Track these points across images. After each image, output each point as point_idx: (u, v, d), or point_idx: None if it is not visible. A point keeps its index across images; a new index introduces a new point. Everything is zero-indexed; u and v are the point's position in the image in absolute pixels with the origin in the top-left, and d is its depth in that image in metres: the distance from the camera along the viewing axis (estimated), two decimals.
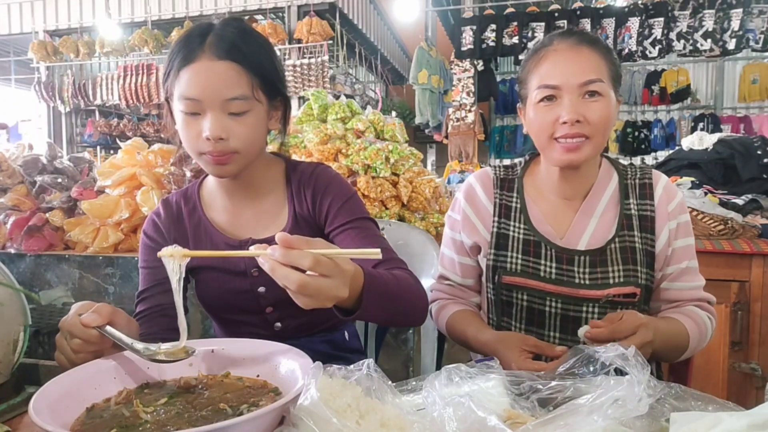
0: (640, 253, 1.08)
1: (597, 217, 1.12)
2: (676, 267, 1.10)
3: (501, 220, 1.16)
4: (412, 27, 7.58)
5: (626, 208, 1.11)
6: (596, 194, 1.13)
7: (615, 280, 1.07)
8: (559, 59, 1.05)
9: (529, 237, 1.13)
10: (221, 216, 1.12)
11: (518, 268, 1.12)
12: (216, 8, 6.13)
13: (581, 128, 1.02)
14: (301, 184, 1.10)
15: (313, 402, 0.57)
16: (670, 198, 1.12)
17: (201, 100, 0.94)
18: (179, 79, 0.96)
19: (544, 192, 1.17)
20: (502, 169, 1.23)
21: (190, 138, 0.98)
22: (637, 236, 1.09)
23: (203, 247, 1.10)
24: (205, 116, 0.95)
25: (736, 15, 4.46)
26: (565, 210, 1.14)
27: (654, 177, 1.14)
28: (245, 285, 1.08)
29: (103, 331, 0.77)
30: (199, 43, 0.95)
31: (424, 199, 2.23)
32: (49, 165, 2.33)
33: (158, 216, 1.14)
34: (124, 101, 6.35)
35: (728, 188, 2.41)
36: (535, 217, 1.14)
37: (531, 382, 0.68)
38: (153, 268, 1.10)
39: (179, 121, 0.99)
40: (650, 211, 1.11)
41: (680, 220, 1.11)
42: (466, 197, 1.22)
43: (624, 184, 1.14)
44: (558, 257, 1.10)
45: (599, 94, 1.02)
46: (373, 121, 2.32)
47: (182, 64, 0.95)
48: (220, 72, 0.95)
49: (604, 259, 1.08)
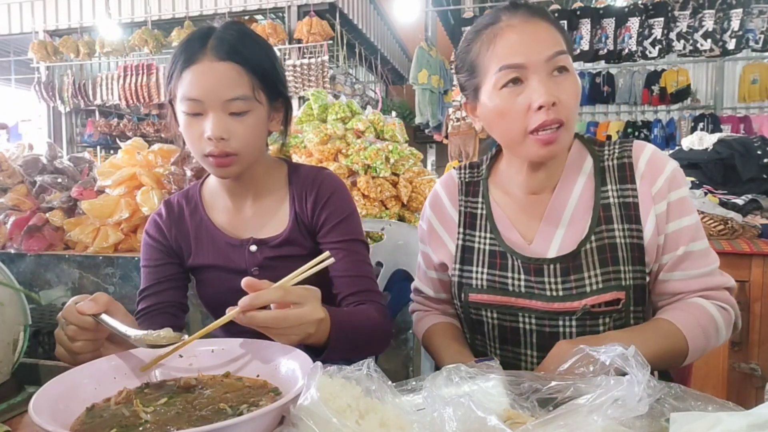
0: (624, 249, 0.93)
1: (568, 214, 0.97)
2: (671, 255, 0.93)
3: (466, 232, 1.06)
4: (412, 27, 7.59)
5: (603, 197, 0.96)
6: (565, 186, 0.99)
7: (592, 287, 0.92)
8: (518, 34, 0.90)
9: (494, 248, 1.01)
10: (222, 216, 1.13)
11: (484, 284, 1.00)
12: (216, 8, 6.13)
13: (557, 112, 0.88)
14: (305, 188, 1.11)
15: (313, 402, 0.57)
16: (655, 175, 0.94)
17: (202, 101, 0.96)
18: (181, 80, 0.97)
19: (509, 189, 1.04)
20: (468, 172, 1.12)
21: (193, 139, 0.99)
22: (619, 229, 0.94)
23: (205, 247, 1.12)
24: (206, 117, 0.97)
25: (736, 15, 4.45)
26: (533, 207, 1.01)
27: (634, 152, 0.97)
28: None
29: (98, 319, 0.78)
30: (201, 46, 0.97)
31: (424, 199, 2.22)
32: (49, 165, 2.33)
33: (160, 216, 1.15)
34: (124, 101, 6.35)
35: (728, 188, 2.41)
36: (501, 223, 1.02)
37: (531, 382, 0.68)
38: (155, 267, 1.12)
39: (182, 123, 1.00)
40: (632, 197, 0.94)
41: (671, 198, 0.93)
42: (432, 206, 1.13)
43: (600, 167, 0.98)
44: (525, 268, 0.96)
45: (566, 69, 0.90)
46: (373, 121, 2.32)
47: (184, 66, 0.97)
48: (221, 73, 0.96)
49: (578, 264, 0.93)
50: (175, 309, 1.12)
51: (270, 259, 1.10)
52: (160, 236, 1.14)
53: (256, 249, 1.10)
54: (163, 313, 1.09)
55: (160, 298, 1.09)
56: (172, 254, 1.14)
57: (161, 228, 1.14)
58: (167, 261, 1.13)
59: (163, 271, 1.12)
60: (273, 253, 1.10)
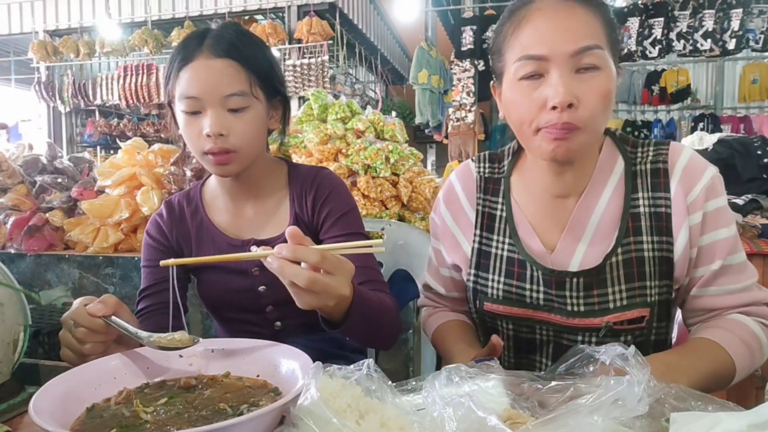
0: (652, 264, 0.87)
1: (594, 222, 0.90)
2: (706, 268, 0.87)
3: (483, 234, 0.99)
4: (412, 27, 7.59)
5: (633, 206, 0.88)
6: (593, 192, 0.91)
7: (616, 304, 0.87)
8: (545, 21, 0.81)
9: (513, 255, 0.95)
10: (223, 217, 1.13)
11: (500, 294, 0.95)
12: (216, 8, 6.13)
13: (573, 115, 0.79)
14: (304, 188, 1.11)
15: (313, 402, 0.57)
16: (692, 183, 0.86)
17: (200, 98, 0.96)
18: (179, 79, 0.98)
19: (534, 191, 0.97)
20: (488, 165, 1.04)
21: (192, 137, 0.99)
22: (648, 241, 0.87)
23: (205, 247, 1.12)
24: (205, 114, 0.97)
25: (736, 15, 4.46)
26: (557, 213, 0.94)
27: (671, 156, 0.89)
28: (246, 284, 1.09)
29: (108, 321, 0.78)
30: (197, 44, 0.98)
31: (424, 199, 2.23)
32: (49, 165, 2.34)
33: (161, 217, 1.15)
34: (124, 101, 6.35)
35: (728, 188, 2.40)
36: (522, 227, 0.96)
37: (531, 382, 0.68)
38: (155, 267, 1.12)
39: (181, 122, 1.01)
40: (665, 207, 0.87)
41: (707, 209, 0.86)
42: (446, 202, 1.06)
43: (632, 171, 0.90)
44: (546, 281, 0.90)
45: (596, 67, 0.80)
46: (373, 121, 2.32)
47: (181, 65, 0.98)
48: (218, 69, 0.96)
49: (602, 279, 0.88)
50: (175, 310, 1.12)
51: None
52: (161, 237, 1.14)
53: (257, 249, 1.10)
54: (163, 313, 1.08)
55: (159, 298, 1.09)
56: (173, 254, 1.14)
57: (162, 228, 1.14)
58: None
59: (163, 272, 1.12)
60: None
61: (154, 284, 1.11)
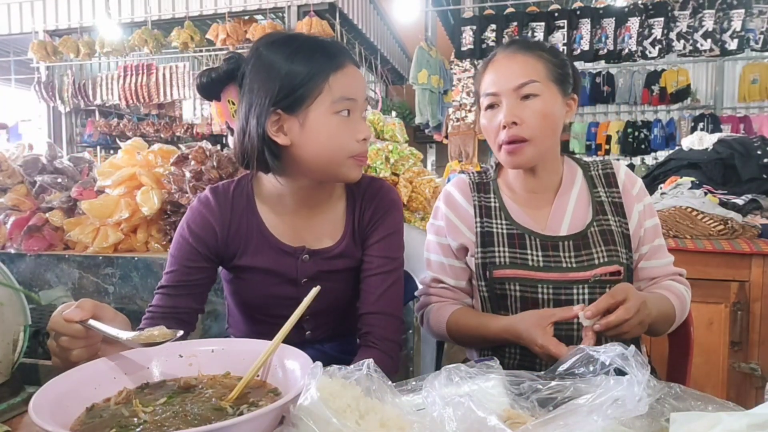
0: (618, 235, 1.14)
1: (572, 203, 1.18)
2: (649, 246, 1.19)
3: (483, 220, 1.19)
4: (412, 27, 7.58)
5: (597, 196, 1.19)
6: (567, 186, 1.20)
7: (600, 260, 1.12)
8: (497, 68, 1.14)
9: (512, 231, 1.17)
10: (277, 219, 1.10)
11: (507, 260, 1.14)
12: (216, 8, 6.12)
13: (519, 130, 1.09)
14: (364, 201, 1.12)
15: (312, 402, 0.57)
16: (633, 183, 1.20)
17: (356, 99, 1.00)
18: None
19: (516, 190, 1.22)
20: (476, 175, 1.28)
21: (348, 136, 1.01)
22: (612, 220, 1.16)
23: (256, 248, 1.08)
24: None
25: (737, 15, 4.45)
26: (540, 203, 1.20)
27: (615, 167, 1.23)
28: (292, 292, 1.08)
29: (86, 325, 0.77)
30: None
31: (424, 199, 2.23)
32: (49, 165, 2.33)
33: (210, 211, 1.07)
34: (124, 101, 6.34)
35: (728, 188, 2.41)
36: (515, 213, 1.19)
37: (531, 382, 0.68)
38: (186, 268, 1.07)
39: (331, 124, 0.98)
40: (617, 197, 1.19)
41: (645, 202, 1.20)
42: (446, 204, 1.24)
43: (589, 175, 1.22)
44: (543, 245, 1.14)
45: (536, 95, 1.09)
46: (373, 121, 2.32)
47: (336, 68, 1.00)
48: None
49: (586, 242, 1.13)
50: (188, 315, 1.08)
51: (322, 272, 1.09)
52: (207, 235, 1.07)
53: (309, 259, 1.09)
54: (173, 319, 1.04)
55: (176, 302, 1.05)
56: (211, 259, 1.09)
57: (211, 225, 1.07)
58: (202, 266, 1.08)
59: (191, 274, 1.07)
60: (326, 265, 1.10)
61: (178, 285, 1.06)
